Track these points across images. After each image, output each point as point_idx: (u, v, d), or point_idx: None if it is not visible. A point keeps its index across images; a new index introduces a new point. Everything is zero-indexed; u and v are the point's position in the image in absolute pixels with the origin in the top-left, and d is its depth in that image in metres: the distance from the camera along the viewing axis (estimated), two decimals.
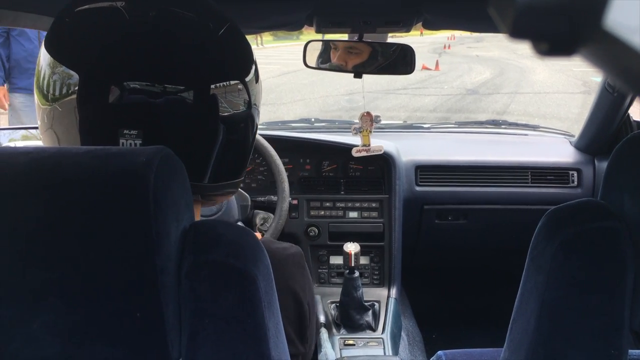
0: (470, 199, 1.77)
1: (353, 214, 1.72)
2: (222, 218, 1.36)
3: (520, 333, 0.63)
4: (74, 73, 0.58)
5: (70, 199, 0.45)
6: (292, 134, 1.85)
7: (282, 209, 1.44)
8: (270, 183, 1.68)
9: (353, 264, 1.49)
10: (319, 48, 1.45)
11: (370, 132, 1.64)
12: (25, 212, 0.45)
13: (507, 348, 0.67)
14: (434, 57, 13.49)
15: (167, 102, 0.58)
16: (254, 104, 0.67)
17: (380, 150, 1.66)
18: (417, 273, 1.93)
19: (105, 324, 0.47)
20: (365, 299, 1.54)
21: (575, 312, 0.59)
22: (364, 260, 1.72)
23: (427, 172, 1.77)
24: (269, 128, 2.05)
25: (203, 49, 0.62)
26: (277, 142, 1.54)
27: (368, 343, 1.46)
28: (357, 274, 1.50)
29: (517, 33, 0.23)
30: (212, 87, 0.61)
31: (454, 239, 1.87)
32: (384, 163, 1.72)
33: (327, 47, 1.46)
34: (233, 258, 0.50)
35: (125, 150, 0.48)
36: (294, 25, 1.22)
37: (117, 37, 0.59)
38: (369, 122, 1.64)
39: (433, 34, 20.72)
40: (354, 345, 1.45)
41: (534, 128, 2.19)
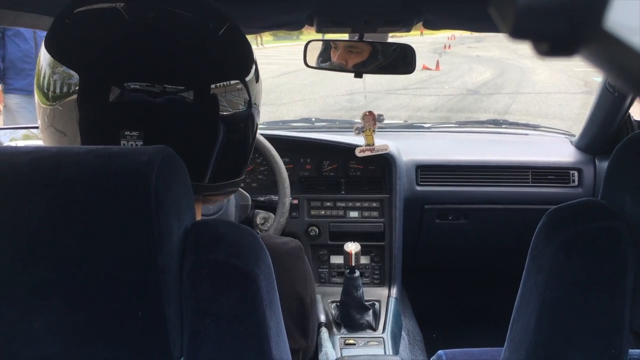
0: (471, 199, 1.77)
1: (354, 214, 1.72)
2: (222, 218, 1.36)
3: (521, 333, 0.63)
4: (74, 73, 0.58)
5: (72, 199, 0.45)
6: (292, 134, 1.84)
7: (283, 209, 1.44)
8: (271, 182, 1.68)
9: (353, 264, 1.49)
10: (320, 48, 1.45)
11: (374, 131, 1.64)
12: (27, 211, 0.45)
13: (507, 347, 0.67)
14: (435, 57, 13.48)
15: (167, 102, 0.58)
16: (254, 104, 0.67)
17: (386, 150, 1.65)
18: (417, 273, 1.92)
19: (107, 324, 0.47)
20: (366, 299, 1.54)
21: (576, 311, 0.59)
22: (365, 260, 1.72)
23: (427, 171, 1.77)
24: (270, 127, 2.05)
25: (203, 49, 0.62)
26: (277, 141, 1.54)
27: (368, 342, 1.46)
28: (357, 274, 1.50)
29: (517, 33, 0.23)
30: (212, 86, 0.61)
31: (455, 239, 1.87)
32: (385, 163, 1.72)
33: (327, 46, 1.46)
34: (234, 258, 0.50)
35: (127, 150, 0.48)
36: (295, 25, 1.22)
37: (116, 37, 0.59)
38: (372, 121, 1.63)
39: (433, 34, 20.71)
40: (355, 345, 1.45)
41: (535, 128, 2.19)
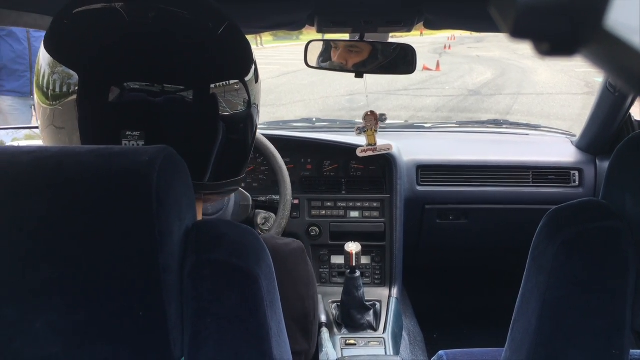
0: (472, 199, 1.77)
1: (354, 214, 1.72)
2: (223, 217, 1.36)
3: (522, 333, 0.63)
4: (74, 73, 0.58)
5: (73, 198, 0.45)
6: (293, 134, 1.84)
7: (284, 208, 1.44)
8: (272, 182, 1.68)
9: (354, 264, 1.49)
10: (320, 48, 1.45)
11: (376, 131, 1.63)
12: (28, 211, 0.45)
13: (508, 348, 0.67)
14: (435, 57, 13.46)
15: (167, 101, 0.58)
16: (254, 104, 0.67)
17: (389, 149, 1.64)
18: (418, 273, 1.92)
19: (108, 323, 0.47)
20: (367, 299, 1.54)
21: (577, 311, 0.59)
22: (365, 260, 1.72)
23: (428, 171, 1.77)
24: (271, 127, 2.05)
25: (202, 49, 0.62)
26: (278, 141, 1.54)
27: (369, 343, 1.46)
28: (358, 274, 1.50)
29: (518, 33, 0.23)
30: (211, 86, 0.61)
31: (455, 239, 1.87)
32: (386, 163, 1.72)
33: (327, 46, 1.46)
34: (236, 257, 0.50)
35: (128, 150, 0.48)
36: (295, 25, 1.22)
37: (116, 37, 0.59)
38: (374, 121, 1.63)
39: (433, 34, 20.70)
40: (355, 345, 1.45)
41: (535, 128, 2.18)
